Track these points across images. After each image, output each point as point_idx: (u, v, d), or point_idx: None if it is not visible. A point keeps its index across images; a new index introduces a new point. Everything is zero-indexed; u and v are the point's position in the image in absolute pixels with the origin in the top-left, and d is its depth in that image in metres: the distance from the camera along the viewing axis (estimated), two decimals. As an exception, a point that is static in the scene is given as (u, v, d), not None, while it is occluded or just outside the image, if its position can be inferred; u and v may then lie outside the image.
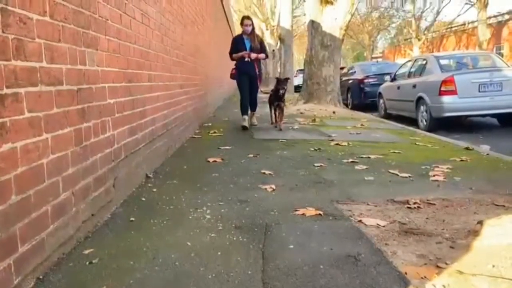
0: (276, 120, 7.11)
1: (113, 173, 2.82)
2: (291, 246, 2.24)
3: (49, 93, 2.00)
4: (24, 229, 1.76)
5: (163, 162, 4.27)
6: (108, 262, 2.07)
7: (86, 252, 2.18)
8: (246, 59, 6.88)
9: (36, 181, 1.87)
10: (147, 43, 3.76)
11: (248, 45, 6.96)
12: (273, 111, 7.25)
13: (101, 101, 2.64)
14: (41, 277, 1.89)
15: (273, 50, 25.98)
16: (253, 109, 7.46)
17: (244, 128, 6.86)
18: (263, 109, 8.44)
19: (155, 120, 3.99)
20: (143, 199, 3.11)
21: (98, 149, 2.58)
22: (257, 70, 7.03)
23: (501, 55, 23.66)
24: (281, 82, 7.03)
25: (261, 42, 7.31)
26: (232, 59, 7.19)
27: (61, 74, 2.12)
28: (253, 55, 6.90)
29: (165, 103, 4.44)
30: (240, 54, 6.94)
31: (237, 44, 7.10)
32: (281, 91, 6.84)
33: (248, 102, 7.16)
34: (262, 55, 7.12)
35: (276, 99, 6.92)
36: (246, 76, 6.99)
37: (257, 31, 30.53)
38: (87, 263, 2.06)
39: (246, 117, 7.04)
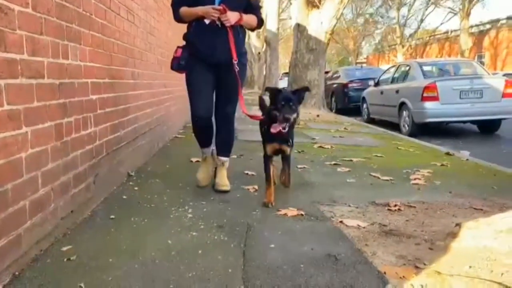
0: (274, 182, 3.21)
1: (94, 170, 2.79)
2: (272, 245, 2.24)
3: (30, 86, 1.96)
4: (0, 224, 1.72)
5: (146, 161, 4.23)
6: (87, 260, 2.04)
7: (64, 249, 2.14)
8: (212, 23, 2.99)
9: (14, 175, 1.83)
10: (132, 40, 3.73)
11: None
12: (269, 161, 3.14)
13: (83, 96, 2.61)
14: (17, 273, 1.85)
15: (259, 53, 26.04)
16: (224, 151, 3.36)
17: (222, 192, 3.21)
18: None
19: (138, 118, 3.95)
20: (124, 197, 3.08)
21: (79, 145, 2.54)
22: (235, 55, 3.00)
23: (482, 63, 24.17)
24: (282, 100, 2.82)
25: None
26: (178, 18, 3.15)
27: (43, 68, 2.08)
28: (232, 16, 2.97)
29: (149, 102, 4.40)
30: (199, 9, 2.98)
31: None
32: (282, 124, 2.81)
33: (211, 133, 3.29)
34: (250, 19, 3.15)
35: (274, 139, 3.00)
36: (207, 67, 3.11)
37: (243, 33, 30.24)
38: (65, 260, 2.02)
39: (206, 157, 3.39)
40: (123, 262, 2.02)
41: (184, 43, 3.20)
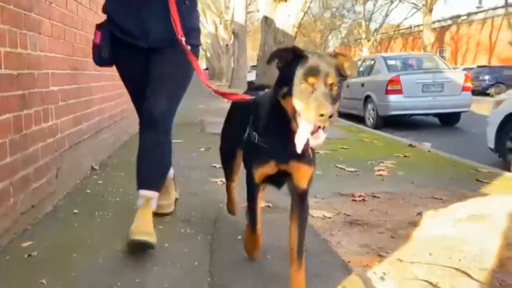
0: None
1: (55, 163, 2.71)
2: (239, 237, 2.24)
3: (-14, 76, 1.89)
4: (-45, 220, 1.65)
5: (110, 154, 4.14)
6: (49, 255, 1.99)
7: (25, 245, 2.08)
8: None
9: (-31, 170, 1.76)
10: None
11: None
12: (257, 194, 1.87)
13: (44, 88, 2.53)
14: (-26, 271, 1.79)
15: (227, 45, 25.89)
16: (150, 180, 2.13)
17: (139, 245, 1.95)
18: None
19: (102, 110, 3.87)
20: (88, 191, 3.01)
21: (40, 138, 2.47)
22: (179, 29, 1.97)
23: (444, 58, 24.92)
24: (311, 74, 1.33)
25: None
26: None
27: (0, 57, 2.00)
28: None
29: (113, 94, 4.31)
30: None
31: None
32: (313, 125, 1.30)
33: (162, 157, 2.19)
34: None
35: (272, 149, 1.53)
36: (141, 51, 2.11)
37: (211, 25, 29.26)
38: (26, 256, 1.97)
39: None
40: (87, 257, 1.98)
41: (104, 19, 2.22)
